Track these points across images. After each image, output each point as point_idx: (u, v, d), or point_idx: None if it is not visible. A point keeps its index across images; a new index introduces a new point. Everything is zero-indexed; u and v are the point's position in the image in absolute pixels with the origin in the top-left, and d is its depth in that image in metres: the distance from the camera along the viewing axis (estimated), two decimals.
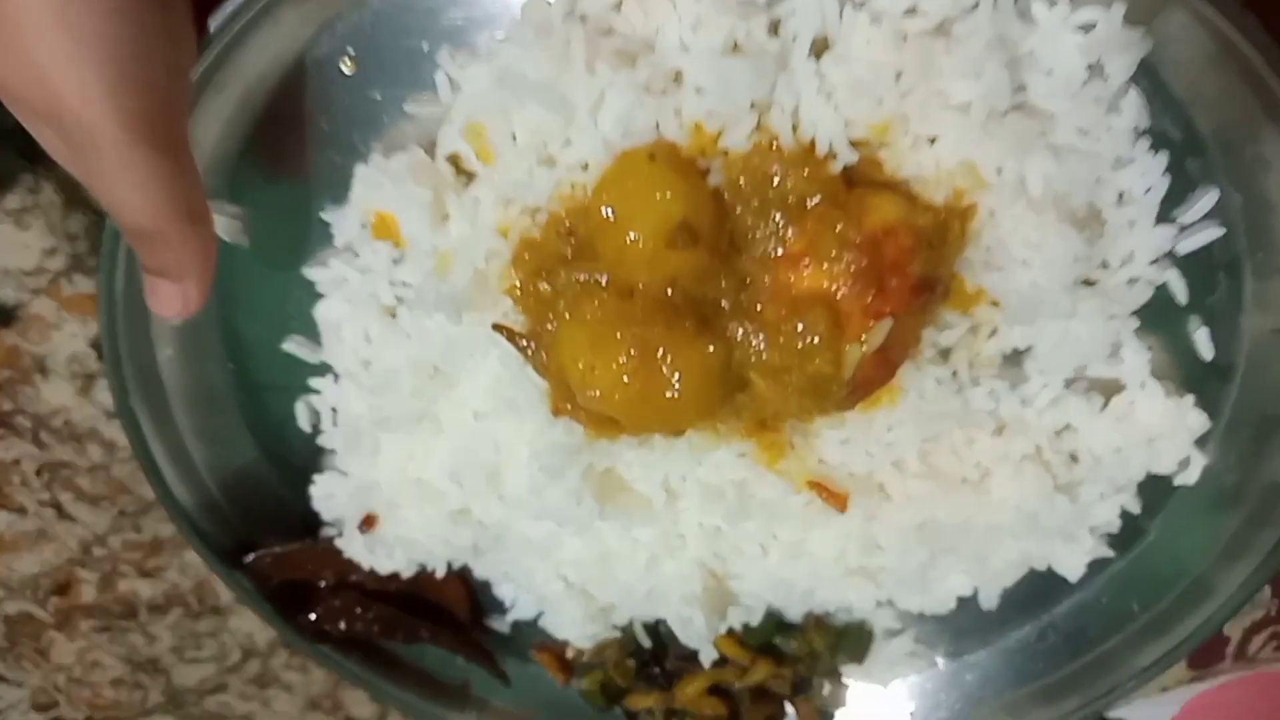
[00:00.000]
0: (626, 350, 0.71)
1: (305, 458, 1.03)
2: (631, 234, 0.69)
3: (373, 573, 1.05)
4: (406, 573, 1.00)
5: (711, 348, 0.72)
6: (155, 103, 0.66)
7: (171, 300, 0.76)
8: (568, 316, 0.74)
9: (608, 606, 1.05)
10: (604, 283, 0.72)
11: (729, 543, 0.91)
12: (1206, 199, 0.80)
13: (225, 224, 0.86)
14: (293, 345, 0.94)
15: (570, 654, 1.18)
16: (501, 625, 1.16)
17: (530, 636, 1.16)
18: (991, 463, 0.89)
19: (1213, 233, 0.81)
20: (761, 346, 0.73)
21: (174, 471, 1.02)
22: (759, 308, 0.73)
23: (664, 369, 0.71)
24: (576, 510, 0.86)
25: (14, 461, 1.25)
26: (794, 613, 1.02)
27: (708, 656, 1.00)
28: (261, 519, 1.07)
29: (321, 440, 0.96)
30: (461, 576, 1.14)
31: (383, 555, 0.97)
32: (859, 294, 0.69)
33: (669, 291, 0.71)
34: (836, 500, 0.87)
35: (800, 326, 0.70)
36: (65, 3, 0.60)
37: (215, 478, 1.05)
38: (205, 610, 1.45)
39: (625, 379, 0.71)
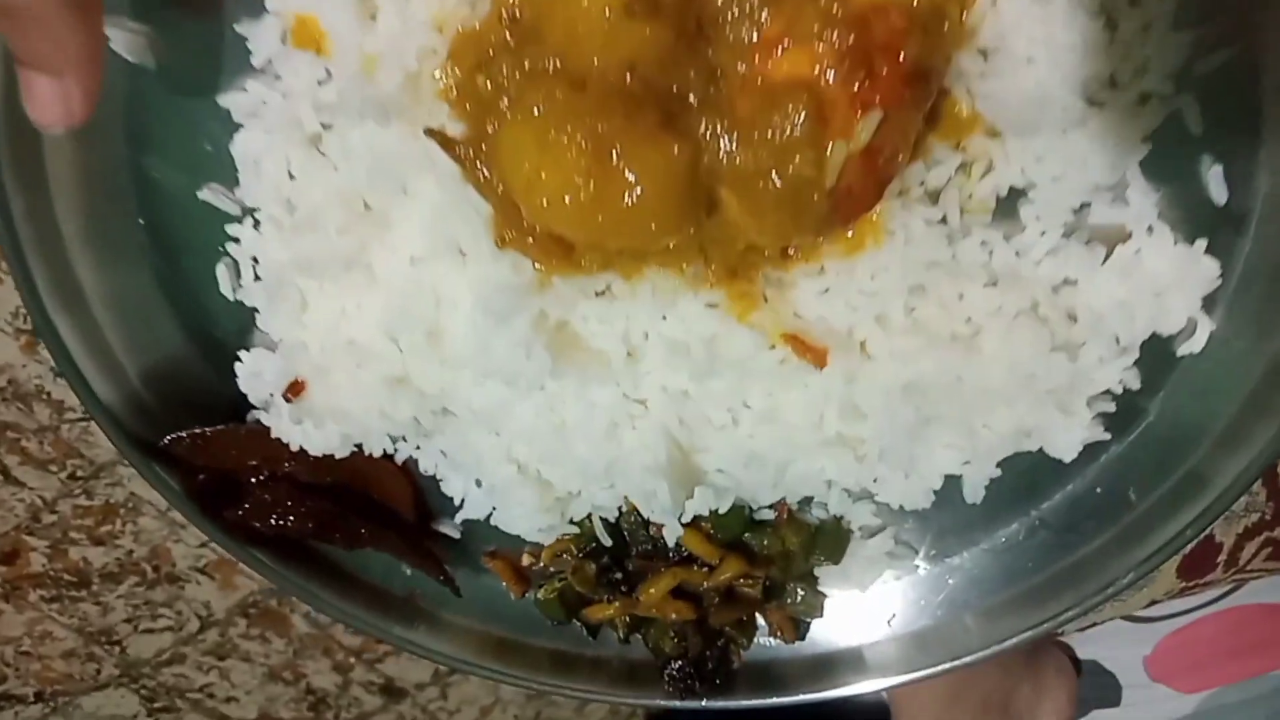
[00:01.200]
0: (579, 147, 0.61)
1: (231, 334, 0.94)
2: (583, 2, 0.60)
3: (305, 458, 0.95)
4: (340, 451, 0.90)
5: (676, 147, 0.63)
6: None
7: (51, 101, 0.66)
8: (510, 115, 0.64)
9: (564, 496, 0.96)
10: (552, 70, 0.62)
11: (695, 410, 0.83)
12: (1226, 10, 0.72)
13: (129, 40, 0.76)
14: (209, 194, 0.84)
15: (526, 560, 1.09)
16: (450, 529, 1.07)
17: (482, 542, 1.08)
18: (984, 318, 0.81)
19: (1231, 50, 0.73)
20: (733, 147, 0.63)
21: (91, 362, 0.92)
22: (730, 102, 0.63)
23: (621, 169, 0.62)
24: (526, 364, 0.76)
25: None
26: (765, 498, 0.94)
27: (673, 534, 0.91)
28: (186, 409, 0.98)
29: (242, 296, 0.86)
30: (405, 471, 1.04)
31: (313, 429, 0.87)
32: (845, 78, 0.60)
33: (627, 78, 0.62)
34: (814, 355, 0.78)
35: (777, 117, 0.61)
36: None
37: (135, 365, 0.95)
38: (160, 578, 1.45)
39: (577, 181, 0.62)
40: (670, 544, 0.94)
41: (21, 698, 1.48)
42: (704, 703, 1.11)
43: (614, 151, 0.61)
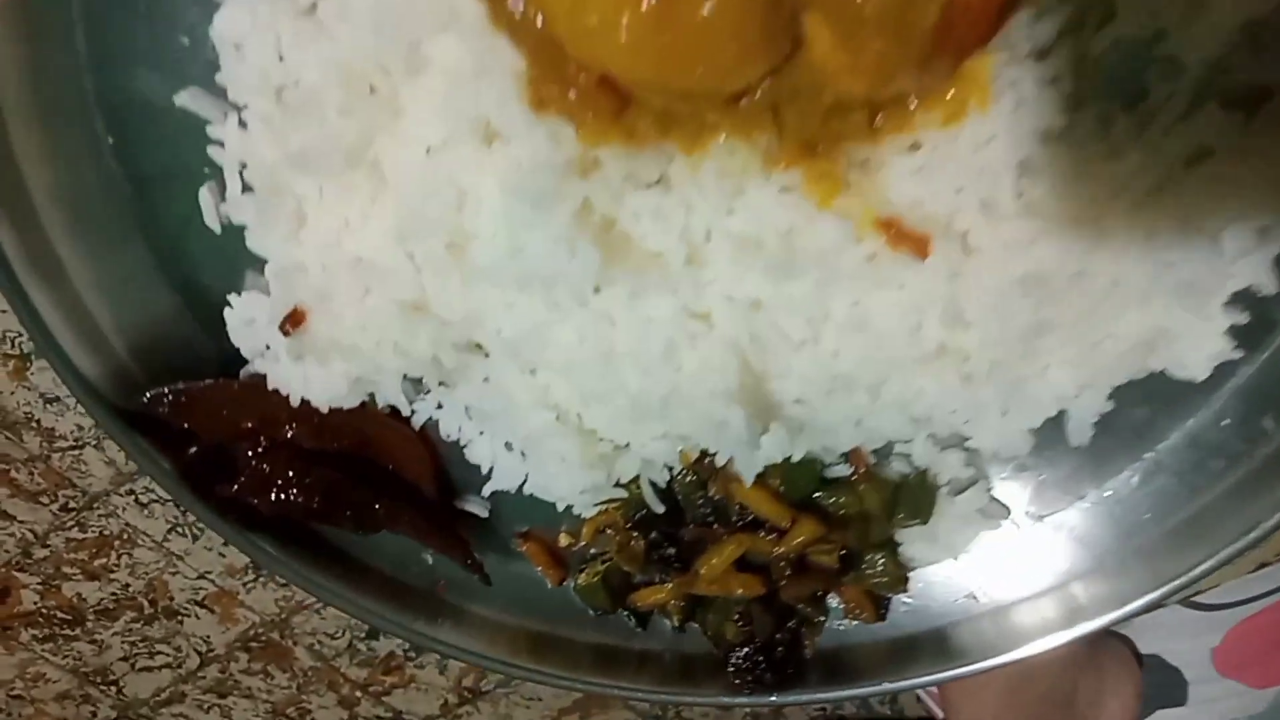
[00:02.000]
0: None
1: (219, 279, 0.81)
2: None
3: (309, 419, 0.82)
4: (349, 400, 0.77)
5: None
6: None
7: None
8: None
9: (609, 453, 0.82)
10: None
11: (769, 324, 0.69)
12: None
13: None
14: (188, 98, 0.72)
15: (563, 541, 0.96)
16: (478, 507, 0.94)
17: (513, 522, 0.95)
18: (1107, 199, 0.68)
19: None
20: None
21: (65, 325, 0.80)
22: None
23: None
24: (570, 264, 0.63)
25: None
26: (845, 440, 0.80)
27: (751, 470, 0.77)
28: (172, 372, 0.85)
29: (230, 211, 0.73)
30: (425, 437, 0.91)
31: (316, 371, 0.74)
32: None
33: None
34: (914, 244, 0.65)
35: None
36: None
37: (110, 320, 0.84)
38: (158, 613, 1.39)
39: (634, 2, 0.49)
40: (748, 479, 0.79)
41: None
42: (774, 697, 0.97)
43: None
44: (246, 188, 0.71)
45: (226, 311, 0.79)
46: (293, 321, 0.72)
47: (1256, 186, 0.68)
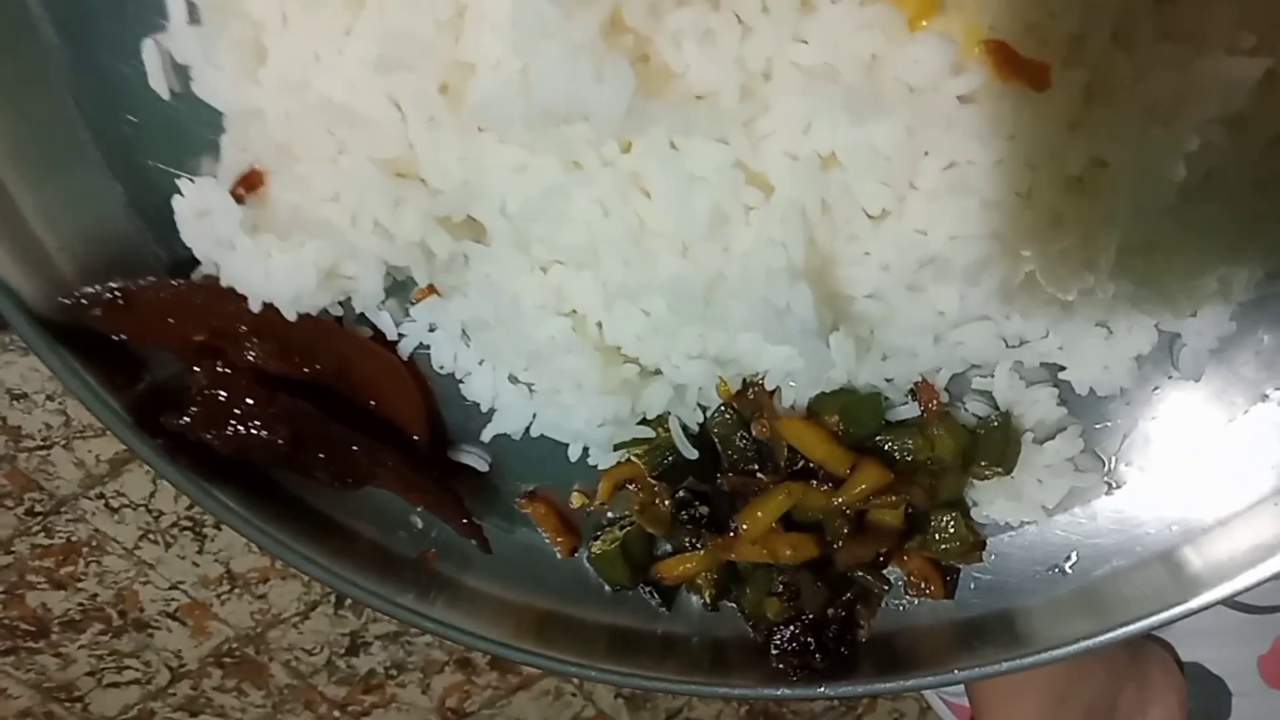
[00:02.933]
0: None
1: (165, 162, 0.68)
2: None
3: (272, 332, 0.68)
4: (320, 299, 0.63)
5: None
6: None
7: None
8: None
9: (632, 379, 0.68)
10: None
11: (841, 186, 0.55)
12: None
13: None
14: None
15: (576, 502, 0.82)
16: (476, 459, 0.80)
17: (517, 480, 0.81)
18: None
19: None
20: None
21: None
22: None
23: None
24: (598, 91, 0.49)
25: None
26: (924, 360, 0.66)
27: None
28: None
29: (169, 45, 0.59)
30: (414, 370, 0.77)
31: (279, 256, 0.60)
32: None
33: None
34: (1030, 74, 0.51)
35: None
36: None
37: (48, 221, 0.69)
38: (127, 625, 1.38)
39: None
40: (804, 397, 0.64)
41: None
42: (823, 688, 0.82)
43: None
44: (194, 18, 0.57)
45: (175, 200, 0.65)
46: (248, 184, 0.58)
47: None
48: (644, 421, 0.73)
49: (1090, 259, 0.57)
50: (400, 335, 0.73)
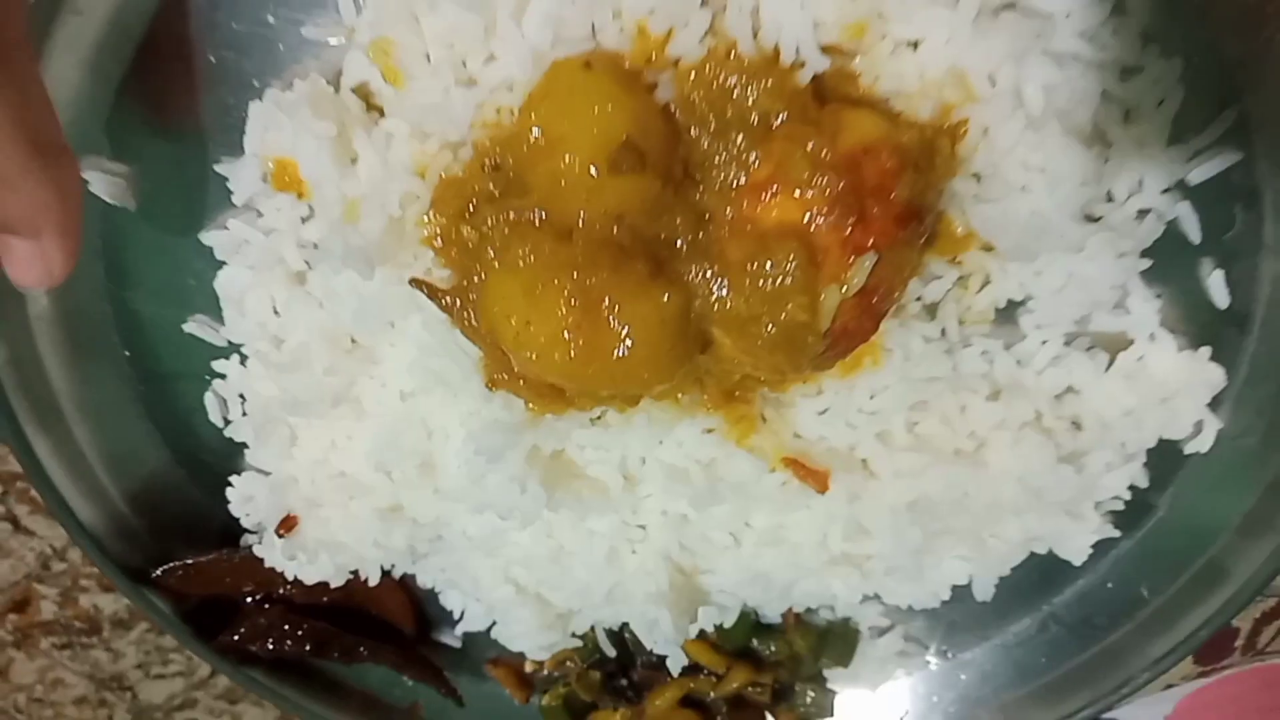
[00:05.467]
0: (566, 301, 0.60)
1: (221, 457, 0.91)
2: (567, 157, 0.58)
3: (300, 584, 0.93)
4: (336, 581, 0.88)
5: (666, 296, 0.61)
6: None
7: (30, 263, 0.64)
8: (497, 265, 0.63)
9: (565, 613, 0.94)
10: (538, 222, 0.61)
11: (697, 532, 0.81)
12: (1222, 118, 0.71)
13: (108, 183, 0.75)
14: (194, 325, 0.83)
15: (529, 668, 1.07)
16: (451, 639, 1.05)
17: (484, 650, 1.06)
18: (987, 431, 0.79)
19: (1229, 157, 0.72)
20: (725, 293, 0.62)
21: (74, 487, 0.91)
22: (720, 247, 0.62)
23: (611, 321, 0.60)
24: (521, 499, 0.75)
25: None
26: (772, 610, 0.92)
27: (677, 663, 0.89)
28: (176, 532, 0.96)
29: (230, 432, 0.84)
30: (403, 585, 1.02)
31: (306, 562, 0.85)
32: (836, 224, 0.59)
33: (614, 229, 0.60)
34: (815, 479, 0.76)
35: (769, 265, 0.60)
36: None
37: (122, 492, 0.94)
38: None
39: (566, 335, 0.60)
40: (675, 674, 0.91)
41: None
42: None
43: (603, 303, 0.60)
44: (244, 412, 0.82)
45: (228, 490, 0.90)
46: (286, 526, 0.83)
47: (1119, 420, 0.80)
48: (575, 634, 0.98)
49: (871, 574, 0.82)
50: (393, 568, 0.98)
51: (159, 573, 0.91)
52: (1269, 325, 0.80)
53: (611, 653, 0.99)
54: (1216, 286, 0.78)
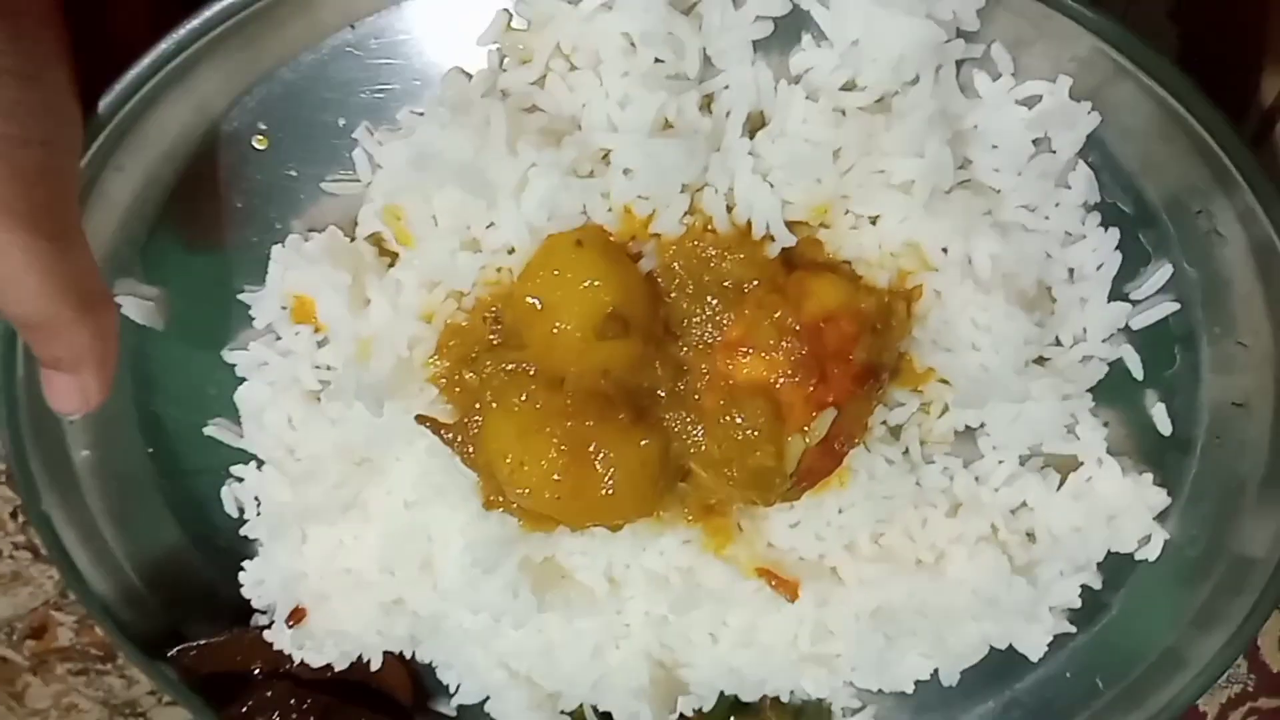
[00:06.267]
0: (556, 445, 0.67)
1: (233, 540, 0.97)
2: (559, 324, 0.65)
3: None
4: (340, 665, 0.94)
5: (646, 441, 0.68)
6: (36, 187, 0.61)
7: (69, 394, 0.71)
8: (494, 406, 0.70)
9: (554, 694, 1.00)
10: (532, 373, 0.68)
11: (676, 631, 0.87)
12: (1160, 273, 0.78)
13: (139, 306, 0.82)
14: (215, 429, 0.89)
15: None
16: (447, 709, 1.10)
17: (479, 716, 1.11)
18: (946, 543, 0.85)
19: (1167, 307, 0.79)
20: (700, 436, 0.69)
21: (90, 562, 0.96)
22: (697, 396, 0.69)
23: (597, 464, 0.67)
24: (514, 603, 0.81)
25: None
26: (749, 696, 0.98)
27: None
28: (188, 606, 1.01)
29: (245, 530, 0.90)
30: (402, 659, 1.08)
31: (314, 649, 0.92)
32: (800, 383, 0.66)
33: (601, 381, 0.67)
34: (786, 588, 0.83)
35: (739, 419, 0.67)
36: None
37: (136, 565, 0.99)
38: None
39: (556, 477, 0.67)
40: None
41: None
42: None
43: (589, 447, 0.67)
44: (258, 512, 0.89)
45: (241, 575, 0.96)
46: (295, 618, 0.90)
47: (1069, 535, 0.86)
48: (565, 712, 1.04)
49: (837, 671, 0.89)
50: None
51: (174, 653, 0.97)
52: (1208, 451, 0.87)
53: None
54: (1160, 416, 0.85)
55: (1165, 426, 0.85)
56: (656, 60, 0.65)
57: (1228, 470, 0.87)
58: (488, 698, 1.04)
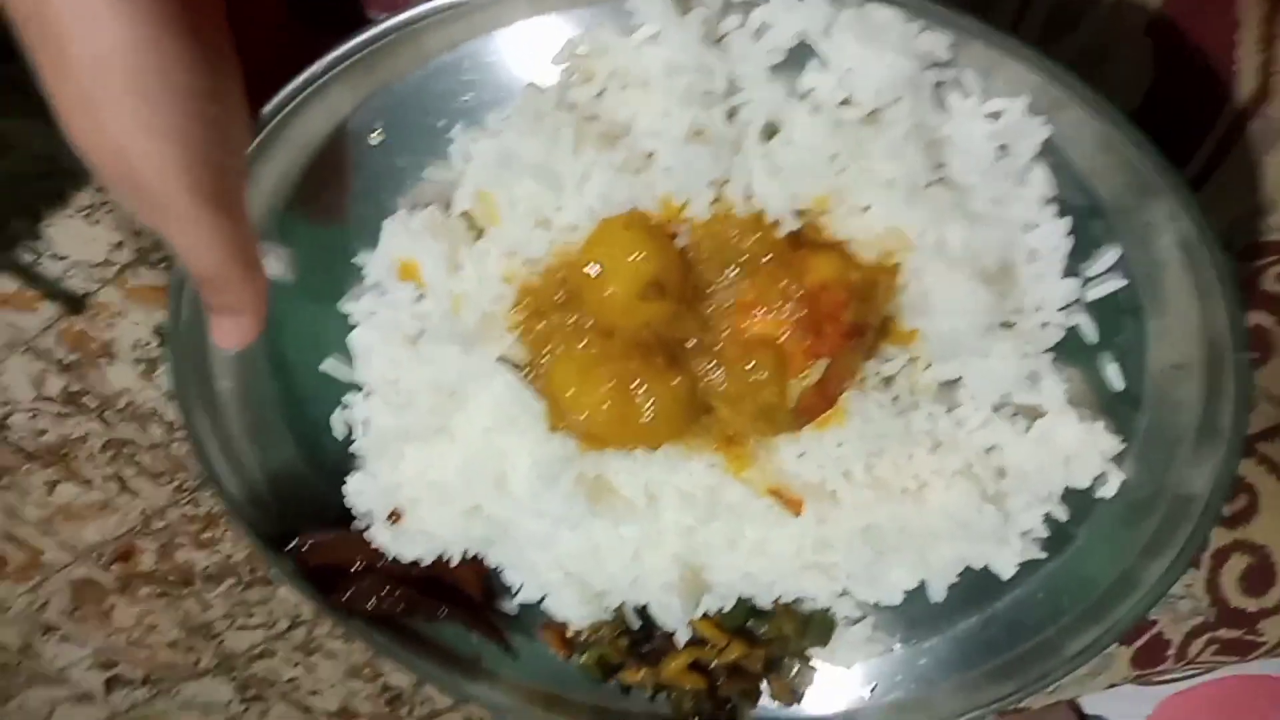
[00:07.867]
0: (608, 382, 0.86)
1: (339, 459, 1.18)
2: (611, 289, 0.84)
3: (397, 560, 1.21)
4: (426, 560, 1.15)
5: (678, 380, 0.87)
6: (218, 174, 0.79)
7: (231, 333, 0.91)
8: (560, 350, 0.89)
9: (600, 593, 1.19)
10: (589, 325, 0.87)
11: (701, 539, 1.06)
12: (1109, 255, 0.94)
13: (275, 263, 1.02)
14: (330, 365, 1.10)
15: (570, 633, 1.33)
16: (510, 607, 1.30)
17: (535, 617, 1.30)
18: (928, 476, 1.03)
19: (1115, 283, 0.95)
20: (721, 379, 0.88)
21: (226, 467, 1.17)
22: (718, 347, 0.88)
23: (638, 397, 0.87)
24: (570, 510, 1.00)
25: (81, 438, 1.36)
26: (763, 600, 1.17)
27: (683, 637, 1.15)
28: (301, 511, 1.23)
29: (353, 449, 1.11)
30: (476, 562, 1.29)
31: (406, 544, 1.12)
32: (799, 339, 0.84)
33: (643, 332, 0.86)
34: (792, 505, 1.01)
35: (752, 364, 0.85)
36: (146, 83, 0.70)
37: (263, 474, 1.20)
38: (256, 581, 1.55)
39: (606, 406, 0.87)
40: (682, 646, 1.17)
41: (131, 681, 1.63)
42: None
43: (633, 384, 0.86)
44: (365, 434, 1.09)
45: (345, 487, 1.17)
46: (394, 518, 1.11)
47: (1034, 471, 1.03)
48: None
49: (835, 578, 1.07)
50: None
51: (293, 545, 1.19)
52: (1154, 405, 1.03)
53: (636, 625, 1.24)
54: (1112, 375, 1.01)
55: (1119, 384, 1.01)
56: (691, 81, 0.83)
57: (1170, 422, 1.03)
58: (545, 596, 1.24)
